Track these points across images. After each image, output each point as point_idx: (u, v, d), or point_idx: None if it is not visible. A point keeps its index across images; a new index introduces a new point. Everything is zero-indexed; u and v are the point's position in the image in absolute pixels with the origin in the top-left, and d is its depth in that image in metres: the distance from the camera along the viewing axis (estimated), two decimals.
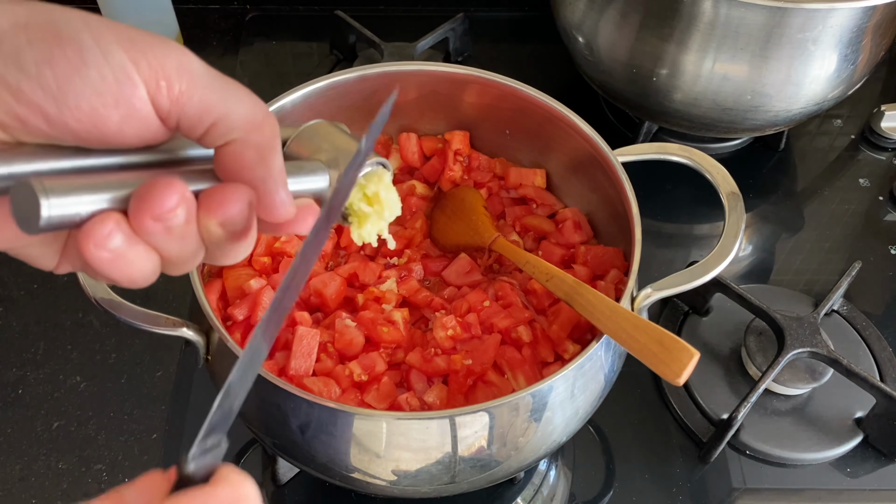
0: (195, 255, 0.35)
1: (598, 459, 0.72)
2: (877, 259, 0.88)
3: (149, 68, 0.31)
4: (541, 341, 0.63)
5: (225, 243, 0.35)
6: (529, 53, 1.09)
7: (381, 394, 0.60)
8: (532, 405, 0.54)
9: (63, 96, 0.30)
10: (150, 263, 0.33)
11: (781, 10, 0.72)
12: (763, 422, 0.72)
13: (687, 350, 0.51)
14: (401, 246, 0.71)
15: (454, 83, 0.72)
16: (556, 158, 0.74)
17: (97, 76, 0.30)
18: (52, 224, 0.30)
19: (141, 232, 0.31)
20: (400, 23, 1.07)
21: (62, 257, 0.35)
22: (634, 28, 0.80)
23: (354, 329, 0.62)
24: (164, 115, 0.33)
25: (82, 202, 0.30)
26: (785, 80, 0.78)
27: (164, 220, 0.31)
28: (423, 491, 0.57)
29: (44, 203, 0.29)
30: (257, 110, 0.35)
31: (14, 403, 0.73)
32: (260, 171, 0.34)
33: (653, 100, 0.85)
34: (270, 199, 0.35)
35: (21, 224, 0.30)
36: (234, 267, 0.66)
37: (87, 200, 0.31)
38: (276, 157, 0.35)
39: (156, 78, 0.31)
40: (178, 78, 0.32)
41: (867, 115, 1.00)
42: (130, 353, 0.77)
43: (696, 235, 0.91)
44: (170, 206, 0.31)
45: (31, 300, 0.81)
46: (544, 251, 0.70)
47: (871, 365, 0.76)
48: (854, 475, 0.71)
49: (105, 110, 0.31)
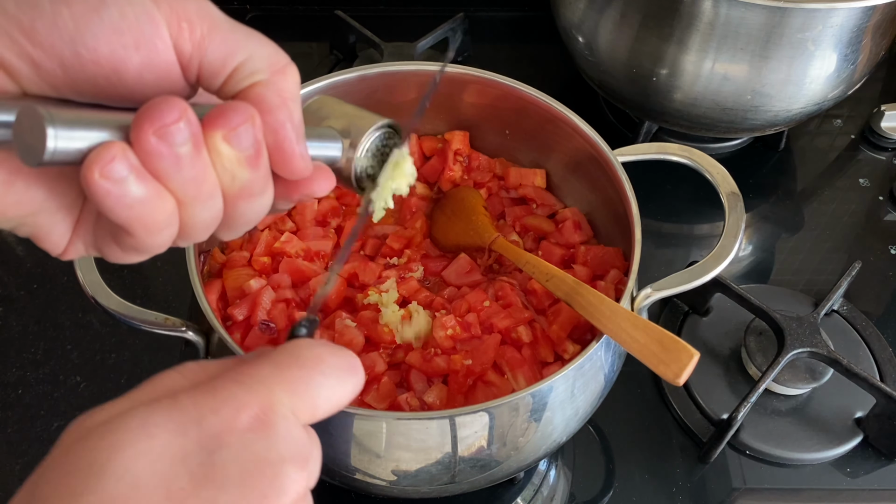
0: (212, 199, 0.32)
1: (598, 459, 0.72)
2: (877, 259, 0.88)
3: (170, 9, 0.30)
4: (541, 341, 0.63)
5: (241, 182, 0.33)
6: (529, 53, 1.09)
7: (381, 394, 0.60)
8: (532, 405, 0.54)
9: (80, 36, 0.29)
10: (163, 206, 0.31)
11: (781, 10, 0.72)
12: (763, 422, 0.72)
13: (687, 350, 0.51)
14: (401, 246, 0.71)
15: (454, 83, 0.72)
16: (556, 158, 0.74)
17: (117, 14, 0.29)
18: (58, 155, 0.28)
19: (146, 155, 0.29)
20: (400, 23, 1.07)
21: (74, 233, 0.34)
22: (634, 28, 0.80)
23: (354, 329, 0.62)
24: (185, 62, 0.32)
25: (90, 134, 0.29)
26: (785, 80, 0.78)
27: (168, 138, 0.29)
28: (423, 491, 0.57)
29: (50, 132, 0.27)
30: (280, 55, 0.34)
31: (14, 403, 0.73)
32: (282, 114, 0.33)
33: (653, 100, 0.85)
34: (290, 147, 0.33)
35: (23, 155, 0.28)
36: (233, 267, 0.66)
37: (96, 132, 0.29)
38: (297, 106, 0.34)
39: (177, 19, 0.30)
40: (200, 21, 0.31)
41: (867, 115, 1.00)
42: (130, 353, 0.77)
43: (696, 235, 0.91)
44: (172, 118, 0.29)
45: (31, 300, 0.81)
46: (544, 251, 0.70)
47: (871, 365, 0.76)
48: (854, 475, 0.71)
49: (125, 52, 0.30)
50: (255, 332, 0.61)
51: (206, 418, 0.29)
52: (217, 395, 0.30)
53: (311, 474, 0.31)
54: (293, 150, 0.34)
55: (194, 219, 0.32)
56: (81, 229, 0.34)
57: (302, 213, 0.71)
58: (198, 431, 0.29)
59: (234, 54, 0.32)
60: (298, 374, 0.32)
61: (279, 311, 0.63)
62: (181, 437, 0.29)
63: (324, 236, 0.70)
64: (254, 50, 0.33)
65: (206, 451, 0.29)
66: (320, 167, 0.37)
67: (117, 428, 0.29)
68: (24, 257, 0.85)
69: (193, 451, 0.29)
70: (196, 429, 0.29)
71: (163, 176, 0.30)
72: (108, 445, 0.28)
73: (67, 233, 0.34)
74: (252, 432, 0.30)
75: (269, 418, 0.30)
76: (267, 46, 0.33)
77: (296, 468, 0.30)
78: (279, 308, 0.63)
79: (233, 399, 0.30)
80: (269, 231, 0.69)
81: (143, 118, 0.29)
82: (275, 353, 0.32)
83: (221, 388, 0.30)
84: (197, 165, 0.31)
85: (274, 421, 0.30)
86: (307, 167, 0.35)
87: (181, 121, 0.29)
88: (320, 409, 0.32)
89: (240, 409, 0.30)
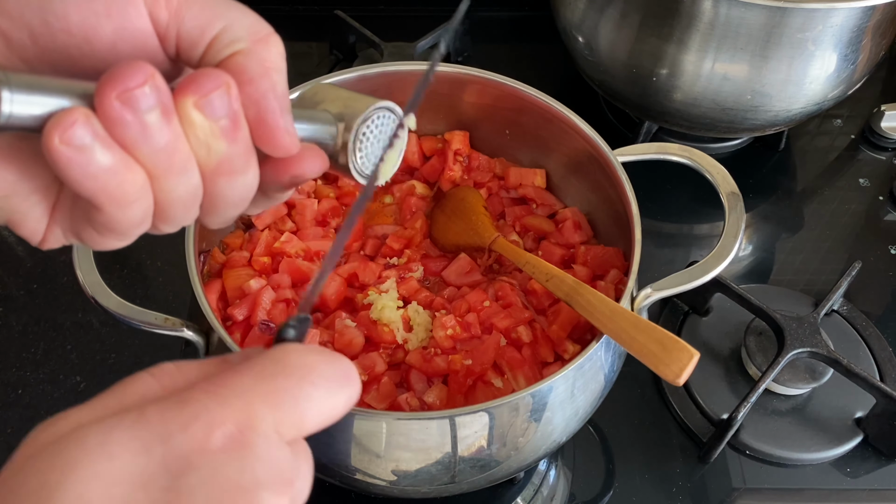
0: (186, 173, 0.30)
1: (598, 459, 0.72)
2: (877, 259, 0.88)
3: None
4: (541, 341, 0.63)
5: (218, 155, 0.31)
6: (529, 53, 1.09)
7: (381, 394, 0.60)
8: (532, 405, 0.54)
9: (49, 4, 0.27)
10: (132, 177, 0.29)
11: (781, 10, 0.72)
12: (763, 422, 0.72)
13: (687, 350, 0.51)
14: (401, 246, 0.71)
15: (454, 83, 0.72)
16: (556, 158, 0.74)
17: None
18: (14, 120, 0.26)
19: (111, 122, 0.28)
20: (400, 23, 1.07)
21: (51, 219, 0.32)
22: (634, 28, 0.80)
23: (354, 329, 0.62)
24: (162, 31, 0.30)
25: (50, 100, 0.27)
26: (785, 80, 0.78)
27: (132, 102, 0.27)
28: (423, 491, 0.57)
29: (5, 95, 0.26)
30: (262, 24, 0.32)
31: (14, 403, 0.73)
32: (264, 83, 0.31)
33: (653, 100, 0.85)
34: (273, 119, 0.31)
35: None
36: (233, 267, 0.66)
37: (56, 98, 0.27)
38: (282, 77, 0.32)
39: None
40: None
41: (867, 115, 1.00)
42: (130, 353, 0.77)
43: (696, 235, 0.91)
44: (136, 82, 0.27)
45: (31, 300, 0.81)
46: (544, 251, 0.70)
47: (871, 365, 0.76)
48: (854, 475, 0.71)
49: (97, 19, 0.28)
50: (255, 332, 0.61)
51: (173, 436, 0.26)
52: (188, 408, 0.27)
53: (294, 498, 0.28)
54: (276, 123, 0.32)
55: (169, 194, 0.31)
56: (58, 214, 0.32)
57: (302, 213, 0.71)
58: (163, 451, 0.26)
59: (213, 22, 0.31)
60: (284, 385, 0.28)
61: (279, 312, 0.63)
62: (144, 458, 0.26)
63: (324, 236, 0.70)
64: (234, 18, 0.31)
65: (172, 474, 0.26)
66: (311, 147, 0.35)
67: (74, 445, 0.26)
68: (24, 257, 0.85)
69: (157, 475, 0.26)
70: (162, 448, 0.26)
71: (130, 144, 0.28)
72: (61, 465, 0.26)
73: (44, 218, 0.32)
74: (225, 453, 0.26)
75: (246, 437, 0.27)
76: (248, 15, 0.32)
77: (275, 494, 0.27)
78: (279, 308, 0.63)
79: (206, 414, 0.27)
80: (269, 231, 0.69)
81: (106, 82, 0.27)
82: (259, 360, 0.29)
83: (194, 400, 0.27)
84: (166, 134, 0.29)
85: (252, 440, 0.27)
86: (293, 143, 0.33)
87: (146, 84, 0.28)
88: (308, 424, 0.29)
89: (213, 426, 0.26)
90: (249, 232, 0.70)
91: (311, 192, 0.73)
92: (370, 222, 0.74)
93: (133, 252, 0.85)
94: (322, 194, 0.74)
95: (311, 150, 0.35)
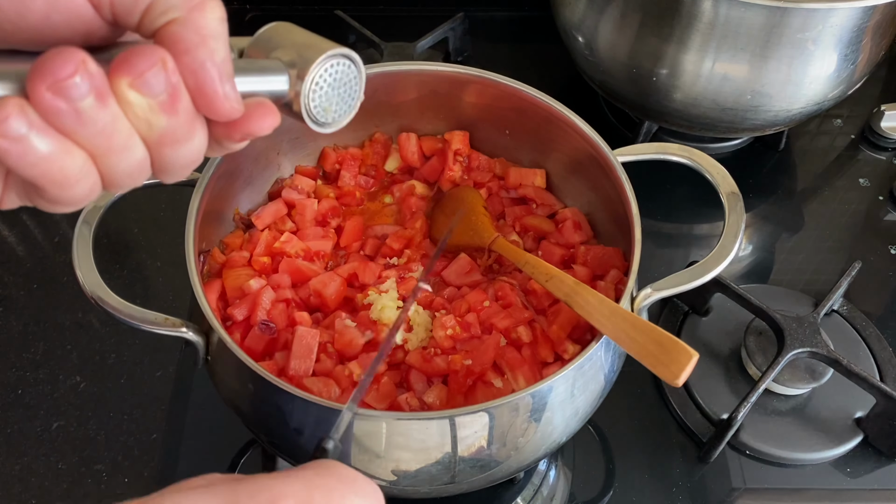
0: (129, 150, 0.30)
1: (598, 459, 0.72)
2: (877, 259, 0.88)
3: None
4: (541, 341, 0.63)
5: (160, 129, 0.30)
6: (529, 53, 1.09)
7: (381, 394, 0.60)
8: (532, 405, 0.54)
9: None
10: (72, 161, 0.29)
11: (781, 10, 0.72)
12: (763, 422, 0.72)
13: (686, 351, 0.51)
14: (401, 246, 0.71)
15: (454, 83, 0.72)
16: (556, 158, 0.74)
17: None
18: None
19: (45, 112, 0.28)
20: (400, 23, 1.07)
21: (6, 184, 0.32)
22: (634, 28, 0.80)
23: (354, 329, 0.62)
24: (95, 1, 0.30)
25: None
26: (785, 80, 0.78)
27: (64, 93, 0.27)
28: (422, 491, 0.57)
29: None
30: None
31: (14, 403, 0.73)
32: (200, 53, 0.30)
33: (653, 100, 0.85)
34: (212, 88, 0.31)
35: None
36: (233, 267, 0.66)
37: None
38: (220, 43, 0.31)
39: None
40: None
41: (867, 115, 1.00)
42: (130, 353, 0.77)
43: (696, 235, 0.91)
44: (66, 73, 0.27)
45: (31, 300, 0.81)
46: (544, 251, 0.70)
47: (871, 365, 0.76)
48: (854, 475, 0.71)
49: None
50: (255, 332, 0.61)
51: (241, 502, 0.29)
52: (256, 483, 0.30)
53: None
54: (216, 92, 0.31)
55: (113, 169, 0.31)
56: (12, 179, 0.32)
57: (302, 214, 0.71)
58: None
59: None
60: (336, 486, 0.33)
61: (279, 311, 0.63)
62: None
63: (324, 236, 0.70)
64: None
65: None
66: (261, 104, 0.34)
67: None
68: (24, 257, 0.85)
69: None
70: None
71: (67, 131, 0.28)
72: None
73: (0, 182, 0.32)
74: None
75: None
76: None
77: None
78: (279, 308, 0.63)
79: (271, 489, 0.30)
80: (269, 231, 0.69)
81: (35, 74, 0.27)
82: (312, 463, 0.34)
83: (261, 479, 0.31)
84: (103, 117, 0.29)
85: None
86: (234, 109, 0.32)
87: (77, 74, 0.27)
88: None
89: (277, 498, 0.30)
90: (249, 232, 0.70)
91: (310, 192, 0.73)
92: (370, 222, 0.74)
93: (133, 252, 0.85)
94: (322, 194, 0.74)
95: (260, 109, 0.34)
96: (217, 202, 0.66)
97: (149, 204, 0.88)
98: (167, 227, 0.87)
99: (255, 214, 0.70)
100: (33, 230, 0.87)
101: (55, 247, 0.85)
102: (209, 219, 0.65)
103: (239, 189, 0.70)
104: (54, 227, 0.87)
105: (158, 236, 0.86)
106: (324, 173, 0.76)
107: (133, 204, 0.87)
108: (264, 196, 0.74)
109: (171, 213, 0.88)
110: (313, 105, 0.37)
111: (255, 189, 0.73)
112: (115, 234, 0.86)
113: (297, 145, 0.74)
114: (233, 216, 0.71)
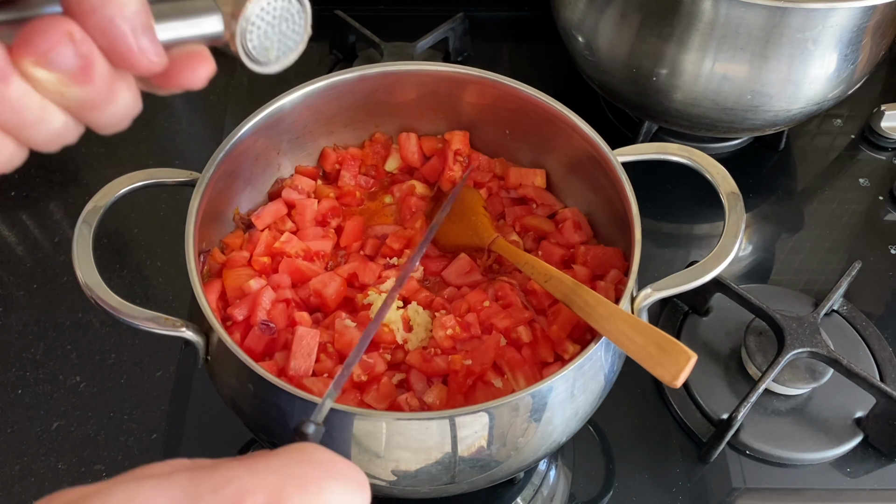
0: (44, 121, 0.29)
1: (598, 459, 0.72)
2: (877, 259, 0.88)
3: None
4: (541, 341, 0.63)
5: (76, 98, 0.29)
6: (529, 53, 1.09)
7: (381, 394, 0.60)
8: (532, 405, 0.54)
9: None
10: None
11: (781, 10, 0.72)
12: (763, 422, 0.72)
13: (684, 352, 0.51)
14: (401, 246, 0.71)
15: (454, 83, 0.72)
16: (556, 158, 0.74)
17: None
18: None
19: None
20: (400, 23, 1.07)
21: None
22: (634, 28, 0.80)
23: (354, 329, 0.62)
24: None
25: None
26: (785, 80, 0.78)
27: None
28: (422, 491, 0.57)
29: None
30: None
31: (14, 403, 0.73)
32: (107, 10, 0.29)
33: (653, 100, 0.85)
34: (125, 45, 0.29)
35: None
36: (233, 267, 0.66)
37: None
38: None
39: None
40: None
41: (867, 115, 1.00)
42: (130, 353, 0.77)
43: (696, 235, 0.91)
44: None
45: (31, 300, 0.81)
46: (544, 251, 0.70)
47: (871, 365, 0.76)
48: (854, 475, 0.71)
49: None
50: (255, 332, 0.61)
51: (203, 497, 0.26)
52: (220, 474, 0.27)
53: None
54: (129, 48, 0.29)
55: (34, 139, 0.30)
56: None
57: (302, 214, 0.71)
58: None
59: None
60: (311, 473, 0.29)
61: (279, 312, 0.63)
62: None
63: (324, 236, 0.70)
64: None
65: None
66: (191, 54, 0.32)
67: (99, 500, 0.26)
68: (24, 257, 0.85)
69: None
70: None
71: None
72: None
73: None
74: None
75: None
76: None
77: None
78: (279, 308, 0.63)
79: (238, 481, 0.27)
80: (269, 231, 0.69)
81: None
82: (285, 448, 0.30)
83: (226, 468, 0.28)
84: (9, 96, 0.28)
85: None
86: (154, 62, 0.30)
87: None
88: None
89: (245, 492, 0.27)
90: (249, 232, 0.70)
91: (311, 192, 0.73)
92: (370, 222, 0.74)
93: (133, 252, 0.85)
94: (322, 194, 0.74)
95: (191, 58, 0.32)
96: (217, 202, 0.66)
97: (149, 204, 0.88)
98: (167, 227, 0.87)
99: (255, 214, 0.70)
100: (33, 230, 0.87)
101: (55, 247, 0.85)
102: (209, 219, 0.65)
103: (239, 189, 0.71)
104: (54, 227, 0.87)
105: (158, 236, 0.86)
106: (324, 173, 0.76)
107: (133, 204, 0.87)
108: (264, 196, 0.74)
109: (171, 213, 0.88)
110: (252, 45, 0.35)
111: (255, 189, 0.73)
112: (115, 234, 0.86)
113: (297, 145, 0.74)
114: (233, 216, 0.71)
